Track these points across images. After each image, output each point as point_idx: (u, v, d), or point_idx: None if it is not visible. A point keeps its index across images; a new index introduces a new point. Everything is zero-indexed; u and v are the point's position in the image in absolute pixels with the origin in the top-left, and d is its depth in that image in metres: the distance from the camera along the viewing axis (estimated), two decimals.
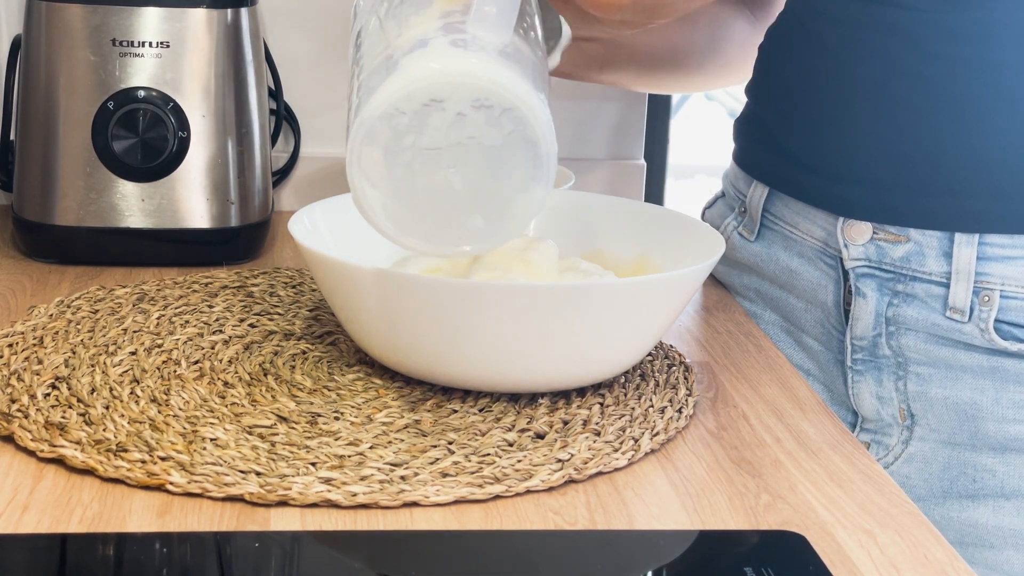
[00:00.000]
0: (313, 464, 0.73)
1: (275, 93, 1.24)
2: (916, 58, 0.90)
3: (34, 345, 0.87)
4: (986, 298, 0.90)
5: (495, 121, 0.74)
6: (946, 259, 0.91)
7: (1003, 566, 0.93)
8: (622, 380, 0.87)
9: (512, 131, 0.74)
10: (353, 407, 0.81)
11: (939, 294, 0.92)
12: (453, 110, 0.73)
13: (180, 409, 0.79)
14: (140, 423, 0.77)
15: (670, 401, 0.84)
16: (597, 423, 0.80)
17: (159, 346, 0.88)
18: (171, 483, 0.71)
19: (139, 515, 0.68)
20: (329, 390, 0.83)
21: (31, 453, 0.74)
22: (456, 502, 0.71)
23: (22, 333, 0.89)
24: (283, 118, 1.26)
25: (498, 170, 0.75)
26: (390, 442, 0.76)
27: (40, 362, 0.84)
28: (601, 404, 0.83)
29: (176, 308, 0.95)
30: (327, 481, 0.71)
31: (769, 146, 1.02)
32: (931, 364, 0.93)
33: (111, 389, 0.81)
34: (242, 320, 0.94)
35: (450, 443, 0.76)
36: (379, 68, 0.74)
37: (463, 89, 0.72)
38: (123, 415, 0.77)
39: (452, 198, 0.76)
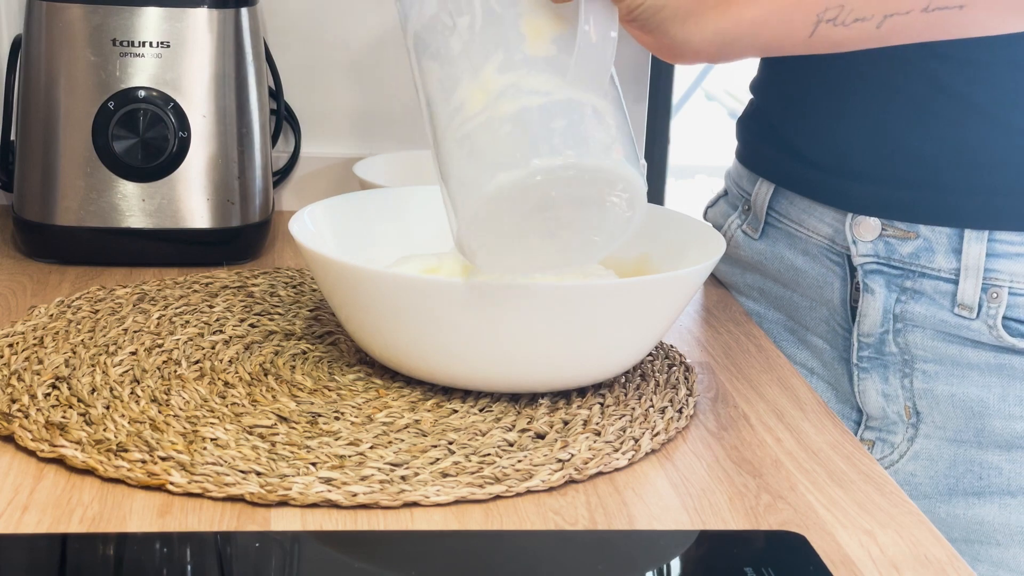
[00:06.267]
0: (313, 464, 0.73)
1: (275, 93, 1.24)
2: (927, 56, 0.90)
3: (34, 345, 0.87)
4: (994, 295, 0.90)
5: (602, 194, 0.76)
6: (955, 255, 0.91)
7: (1009, 563, 0.93)
8: (622, 380, 0.87)
9: (615, 202, 0.76)
10: (353, 407, 0.80)
11: (948, 291, 0.92)
12: (563, 193, 0.75)
13: (180, 409, 0.79)
14: (140, 423, 0.77)
15: (670, 401, 0.84)
16: (597, 423, 0.80)
17: (159, 346, 0.88)
18: (171, 483, 0.70)
19: (139, 515, 0.68)
20: (329, 390, 0.83)
21: (31, 453, 0.74)
22: (456, 502, 0.71)
23: (22, 333, 0.89)
24: (283, 118, 1.26)
25: (589, 218, 0.77)
26: (390, 442, 0.76)
27: (40, 362, 0.84)
28: (601, 404, 0.83)
29: (176, 308, 0.95)
30: (327, 481, 0.71)
31: (775, 143, 1.02)
32: (938, 361, 0.93)
33: (111, 389, 0.81)
34: (242, 320, 0.94)
35: (450, 443, 0.76)
36: (484, 131, 0.74)
37: (574, 182, 0.74)
38: (123, 415, 0.77)
39: (544, 240, 0.79)
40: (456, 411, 0.81)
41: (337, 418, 0.79)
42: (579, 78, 0.73)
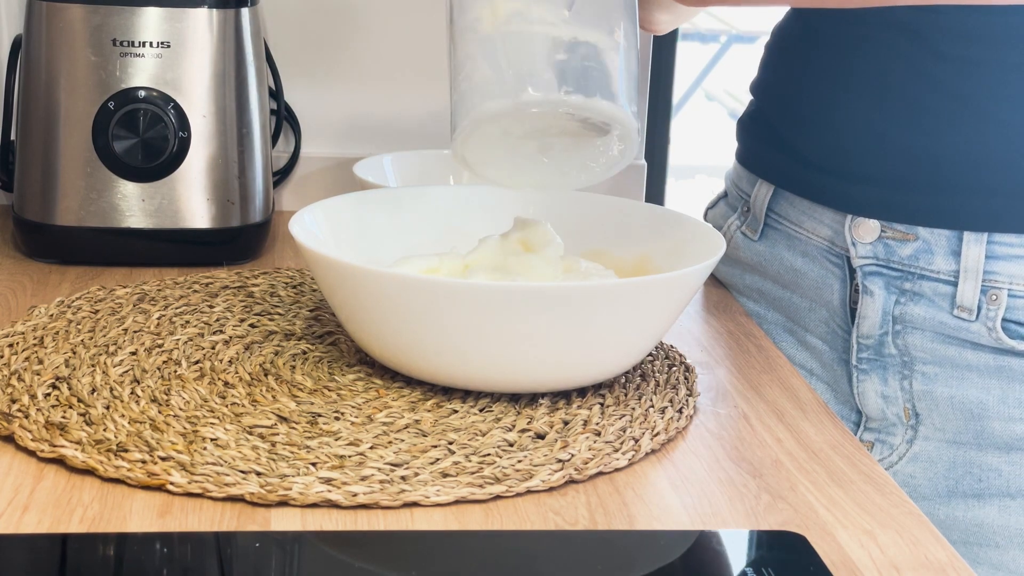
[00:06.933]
0: (313, 464, 0.73)
1: (275, 93, 1.24)
2: (928, 58, 0.90)
3: (34, 345, 0.87)
4: (994, 297, 0.90)
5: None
6: (954, 257, 0.91)
7: (1009, 565, 0.93)
8: (622, 380, 0.87)
9: (607, 138, 0.79)
10: (353, 407, 0.81)
11: (947, 292, 0.92)
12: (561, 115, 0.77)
13: (180, 409, 0.79)
14: (140, 423, 0.77)
15: (670, 401, 0.84)
16: (597, 423, 0.80)
17: (159, 346, 0.88)
18: (171, 483, 0.71)
19: (139, 515, 0.68)
20: (329, 390, 0.83)
21: (31, 453, 0.74)
22: (456, 502, 0.71)
23: (22, 333, 0.89)
24: (283, 118, 1.26)
25: (583, 148, 0.80)
26: (390, 442, 0.76)
27: (40, 362, 0.84)
28: (601, 404, 0.83)
29: (177, 308, 0.95)
30: (327, 481, 0.71)
31: (775, 145, 1.02)
32: (937, 363, 0.93)
33: (111, 389, 0.81)
34: (242, 320, 0.94)
35: (450, 443, 0.76)
36: (496, 50, 0.76)
37: (564, 116, 0.76)
38: (123, 415, 0.77)
39: (540, 159, 0.82)
40: (456, 411, 0.81)
41: (337, 418, 0.79)
42: (583, 13, 0.73)
